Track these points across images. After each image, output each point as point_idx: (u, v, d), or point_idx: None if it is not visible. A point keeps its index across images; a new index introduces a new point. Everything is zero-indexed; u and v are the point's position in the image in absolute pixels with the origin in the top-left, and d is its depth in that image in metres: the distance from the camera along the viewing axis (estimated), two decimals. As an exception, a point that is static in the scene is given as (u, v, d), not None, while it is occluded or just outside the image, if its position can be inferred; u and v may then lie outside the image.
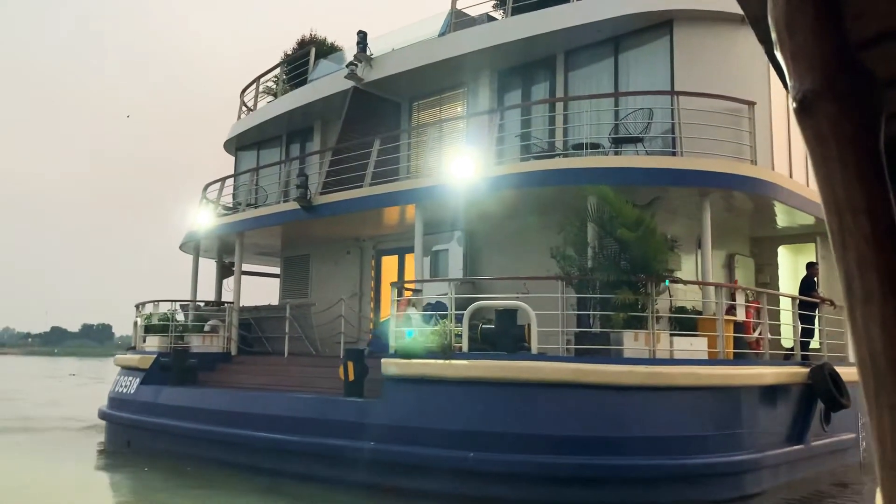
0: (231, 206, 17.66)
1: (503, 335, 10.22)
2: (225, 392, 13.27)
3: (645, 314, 10.00)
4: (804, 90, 0.75)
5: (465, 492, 9.47)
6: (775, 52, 0.82)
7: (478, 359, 10.01)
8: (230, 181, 17.77)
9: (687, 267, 12.72)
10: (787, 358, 12.88)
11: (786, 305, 13.09)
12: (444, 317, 10.69)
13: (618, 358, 9.88)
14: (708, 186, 11.10)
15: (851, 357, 14.18)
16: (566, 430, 9.36)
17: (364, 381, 11.33)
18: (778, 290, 14.51)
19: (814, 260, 14.20)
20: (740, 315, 11.27)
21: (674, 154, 11.41)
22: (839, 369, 12.30)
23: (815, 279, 13.80)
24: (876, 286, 0.71)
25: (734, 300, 12.38)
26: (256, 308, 16.70)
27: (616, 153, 12.00)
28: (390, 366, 10.62)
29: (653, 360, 9.79)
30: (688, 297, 12.10)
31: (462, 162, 11.75)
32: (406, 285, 12.97)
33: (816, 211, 13.29)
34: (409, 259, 15.42)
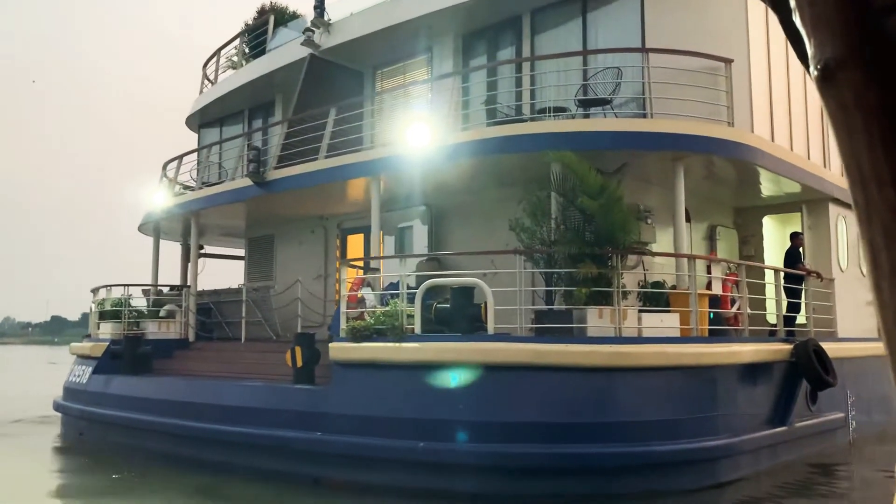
0: (191, 185, 16.80)
1: (458, 315, 9.43)
2: (173, 381, 12.50)
3: (610, 289, 9.20)
4: (826, 58, 0.73)
5: (417, 485, 8.73)
6: (794, 18, 0.80)
7: (429, 341, 9.22)
8: (189, 159, 16.88)
9: (664, 240, 11.90)
10: (771, 334, 12.12)
11: (769, 279, 12.31)
12: (396, 296, 9.90)
13: (581, 337, 9.10)
14: (680, 150, 10.27)
15: (841, 332, 13.42)
16: (523, 416, 8.60)
17: (314, 368, 10.56)
18: (763, 262, 13.72)
19: (799, 230, 13.39)
20: (716, 289, 10.47)
21: (644, 117, 10.55)
22: (826, 345, 11.55)
23: (801, 250, 13.00)
24: None
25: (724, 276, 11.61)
26: (216, 292, 15.92)
27: (584, 117, 11.14)
28: (338, 350, 9.85)
29: (619, 339, 9.01)
30: (664, 271, 11.31)
31: (418, 129, 10.89)
32: (362, 263, 12.14)
33: (802, 177, 12.47)
34: (380, 237, 14.62)
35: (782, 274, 12.30)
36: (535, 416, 8.57)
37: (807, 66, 0.82)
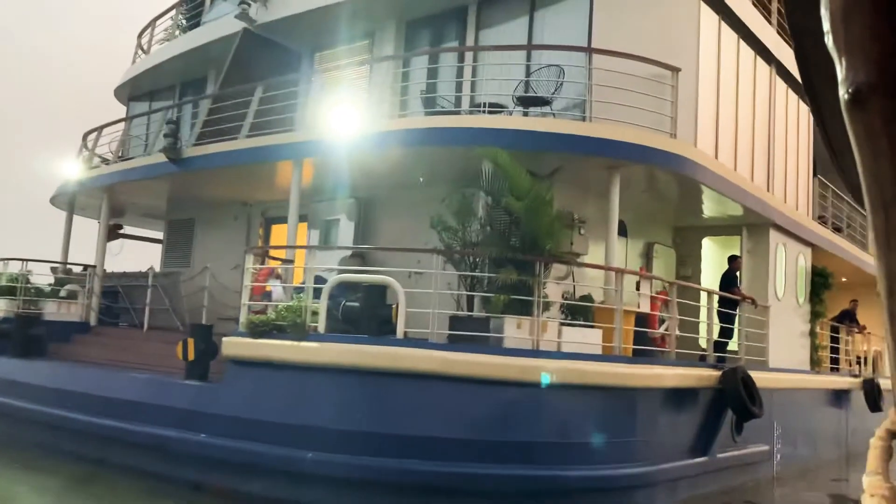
0: (109, 158, 15.70)
1: (366, 315, 8.66)
2: (60, 367, 11.45)
3: (531, 298, 8.54)
4: (858, 83, 0.75)
5: (303, 498, 7.93)
6: (827, 43, 0.81)
7: (331, 341, 8.43)
8: (111, 131, 15.77)
9: (598, 253, 11.32)
10: (702, 359, 11.63)
11: (703, 301, 11.84)
12: (301, 291, 9.10)
13: (494, 348, 8.41)
14: (617, 158, 9.69)
15: (772, 362, 13.04)
16: (422, 430, 7.86)
17: (209, 363, 9.67)
18: (699, 284, 13.28)
19: (737, 253, 12.98)
20: (644, 307, 9.91)
21: (583, 120, 9.97)
22: (755, 374, 11.10)
23: (738, 274, 12.59)
24: None
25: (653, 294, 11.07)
26: (126, 275, 14.84)
27: (523, 115, 10.51)
28: (232, 345, 8.99)
29: (534, 352, 8.35)
30: (596, 284, 10.72)
31: (345, 113, 10.11)
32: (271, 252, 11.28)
33: (744, 199, 12.06)
34: (302, 228, 13.76)
35: (716, 297, 11.85)
36: (436, 430, 7.84)
37: (810, 94, 0.93)
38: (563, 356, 8.51)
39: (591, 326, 9.14)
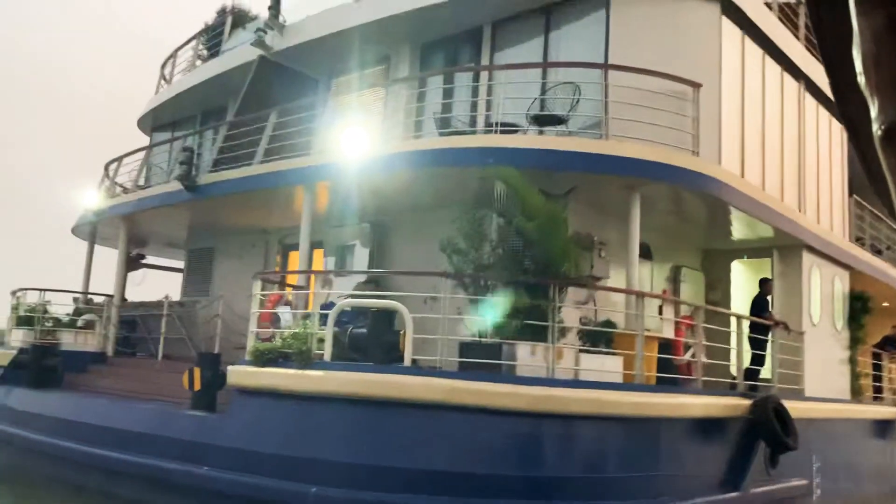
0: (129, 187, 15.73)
1: (373, 342, 8.33)
2: (71, 398, 11.31)
3: (546, 324, 8.13)
4: (890, 122, 0.80)
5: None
6: (860, 82, 0.85)
7: (335, 369, 8.11)
8: (132, 161, 15.83)
9: (619, 277, 10.87)
10: (732, 388, 11.04)
11: (732, 326, 11.28)
12: (308, 317, 8.82)
13: (507, 376, 8.01)
14: (636, 177, 9.30)
15: (809, 391, 12.37)
16: (430, 464, 7.46)
17: (216, 393, 9.40)
18: (729, 309, 12.69)
19: (769, 276, 12.40)
20: (668, 332, 9.42)
21: (600, 138, 9.60)
22: (789, 404, 10.48)
23: (769, 298, 12.01)
24: None
25: (678, 319, 10.58)
26: (143, 304, 14.76)
27: (539, 134, 10.19)
28: (237, 374, 8.71)
29: (548, 381, 7.92)
30: (618, 309, 10.26)
31: (354, 135, 9.90)
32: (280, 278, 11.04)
33: (773, 219, 11.54)
34: (318, 255, 13.56)
35: (746, 322, 11.28)
36: (443, 464, 7.43)
37: (847, 126, 0.97)
38: (580, 384, 8.07)
39: (611, 353, 8.69)
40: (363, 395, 7.74)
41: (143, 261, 18.37)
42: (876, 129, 0.82)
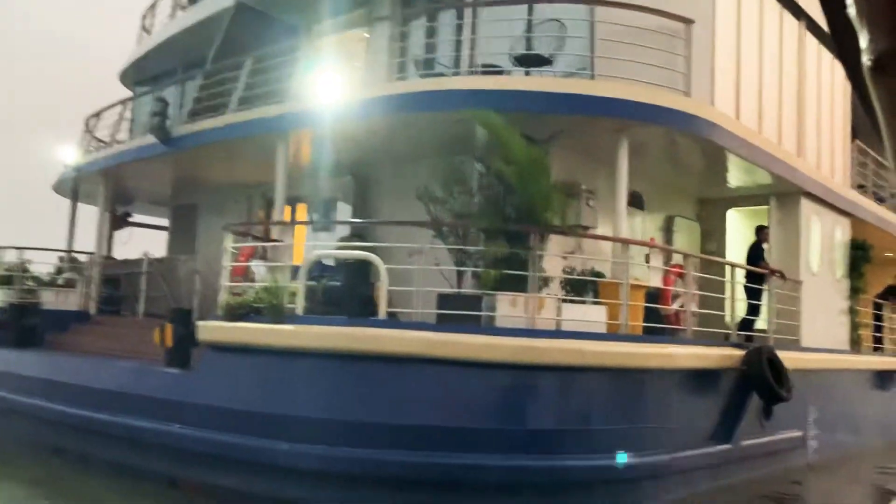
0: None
1: (348, 295, 8.00)
2: (48, 357, 11.06)
3: (526, 274, 7.78)
4: (879, 51, 0.81)
5: (280, 493, 7.33)
6: (850, 13, 0.85)
7: (308, 323, 7.79)
8: (112, 115, 15.34)
9: (609, 227, 10.49)
10: (727, 339, 10.72)
11: (726, 276, 10.90)
12: (280, 270, 8.48)
13: (485, 327, 7.69)
14: (623, 118, 8.84)
15: (806, 341, 12.05)
16: (406, 419, 7.19)
17: (191, 349, 9.11)
18: (724, 258, 12.30)
19: (765, 224, 11.98)
20: (655, 282, 9.06)
21: (587, 78, 9.13)
22: (785, 354, 10.17)
23: (765, 246, 11.61)
24: None
25: (666, 267, 10.20)
26: (126, 262, 14.45)
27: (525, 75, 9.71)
28: (208, 330, 8.41)
29: (529, 332, 7.60)
30: (608, 259, 9.89)
31: (328, 80, 9.44)
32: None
33: (770, 164, 11.08)
34: (302, 210, 13.19)
35: (740, 271, 10.92)
36: (419, 419, 7.16)
37: (844, 62, 0.96)
38: (560, 335, 7.74)
39: (595, 303, 8.35)
40: (336, 349, 7.44)
41: (130, 219, 18.06)
42: (866, 59, 0.83)
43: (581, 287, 8.43)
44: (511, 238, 8.00)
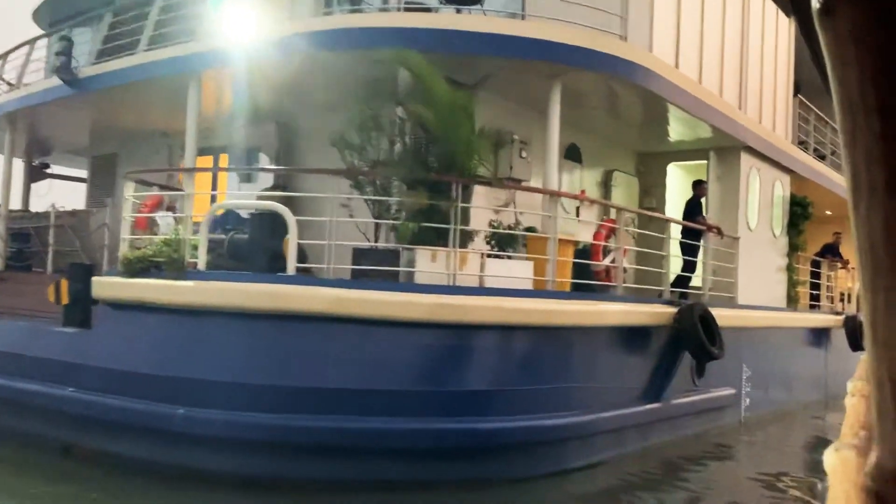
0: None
1: (255, 249, 7.41)
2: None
3: (446, 226, 7.29)
4: None
5: (175, 461, 6.80)
6: None
7: (210, 279, 7.20)
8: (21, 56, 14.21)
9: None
10: (661, 296, 10.46)
11: (664, 232, 10.59)
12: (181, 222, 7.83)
13: (403, 284, 7.21)
14: (554, 63, 8.32)
15: (742, 298, 11.89)
16: (316, 381, 6.70)
17: (92, 308, 8.44)
18: (664, 214, 12.01)
19: (703, 179, 11.69)
20: (586, 237, 8.68)
21: (518, 19, 8.56)
22: (719, 312, 9.96)
23: (702, 202, 11.33)
24: (880, 180, 0.78)
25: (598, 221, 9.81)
26: (38, 215, 13.53)
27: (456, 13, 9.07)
28: (103, 286, 7.75)
29: (448, 288, 7.14)
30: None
31: (241, 16, 8.68)
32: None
33: (710, 116, 10.72)
34: (225, 161, 12.42)
35: (676, 227, 10.63)
36: (330, 381, 6.68)
37: (796, 9, 0.99)
38: (482, 292, 7.30)
39: (524, 259, 7.92)
40: (238, 307, 6.87)
41: (48, 171, 17.00)
42: (815, 1, 0.80)
43: (507, 242, 7.98)
44: (433, 189, 7.48)
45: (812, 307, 15.36)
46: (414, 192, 7.29)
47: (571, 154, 11.35)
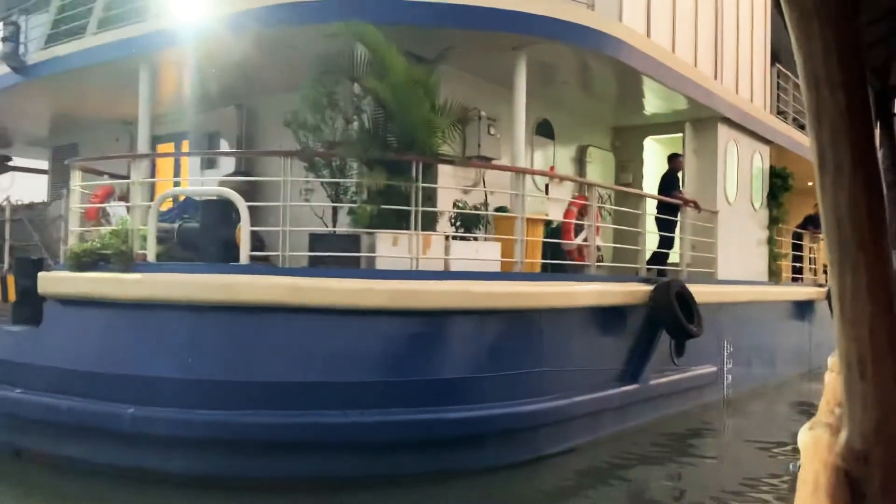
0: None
1: (206, 237, 7.05)
2: None
3: (406, 208, 6.94)
4: None
5: (125, 462, 6.47)
6: None
7: (157, 271, 6.83)
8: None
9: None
10: (637, 274, 10.17)
11: (638, 207, 10.28)
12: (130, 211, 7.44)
13: (361, 270, 6.87)
14: (519, 34, 7.94)
15: (722, 273, 11.63)
16: (271, 375, 6.37)
17: (43, 305, 8.05)
18: (642, 190, 11.69)
19: (678, 152, 11.37)
20: (556, 215, 8.36)
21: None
22: (698, 288, 9.70)
23: (679, 175, 11.02)
24: (846, 157, 0.79)
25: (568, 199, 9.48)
26: (-4, 209, 13.04)
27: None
28: (49, 281, 7.36)
29: (409, 273, 6.81)
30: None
31: (186, -6, 8.24)
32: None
33: (684, 86, 10.39)
34: (186, 147, 11.99)
35: (652, 202, 10.33)
36: (286, 375, 6.35)
37: None
38: (447, 275, 6.97)
39: (489, 240, 7.59)
40: (184, 299, 6.52)
41: (10, 163, 16.47)
42: None
43: (473, 223, 7.64)
44: (393, 170, 7.12)
45: (794, 280, 15.15)
46: (372, 174, 6.92)
47: (543, 130, 11.01)
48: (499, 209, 8.64)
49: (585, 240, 8.48)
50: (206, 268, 6.77)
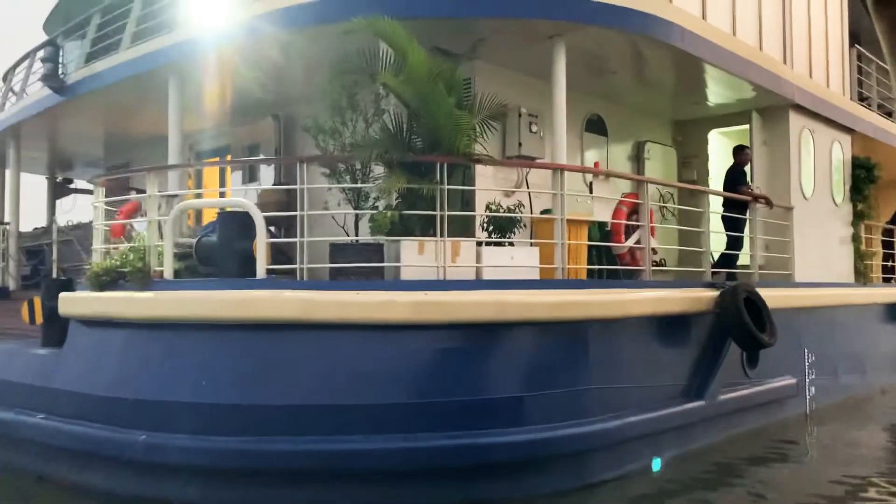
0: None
1: (224, 252, 6.65)
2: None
3: (431, 213, 6.37)
4: None
5: (144, 491, 6.10)
6: None
7: (170, 289, 6.47)
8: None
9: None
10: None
11: (703, 206, 9.39)
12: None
13: (383, 282, 6.33)
14: (557, 20, 7.27)
15: (800, 276, 10.58)
16: (290, 398, 5.89)
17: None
18: (708, 187, 10.75)
19: (745, 144, 10.40)
20: (604, 216, 7.62)
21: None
22: (773, 293, 8.76)
23: (746, 170, 10.07)
24: None
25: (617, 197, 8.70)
26: (48, 232, 13.19)
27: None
28: (69, 302, 7.12)
29: (437, 283, 6.22)
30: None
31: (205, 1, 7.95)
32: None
33: (746, 72, 9.48)
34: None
35: (717, 200, 9.43)
36: (295, 397, 5.85)
37: None
38: (478, 286, 6.35)
39: (525, 245, 6.93)
40: (201, 318, 6.11)
41: (72, 185, 16.83)
42: None
43: (507, 227, 7.00)
44: (418, 172, 6.57)
45: (886, 280, 13.80)
46: (394, 177, 6.38)
47: (595, 126, 10.26)
48: (544, 212, 7.98)
49: (638, 242, 7.70)
50: (220, 284, 6.36)
